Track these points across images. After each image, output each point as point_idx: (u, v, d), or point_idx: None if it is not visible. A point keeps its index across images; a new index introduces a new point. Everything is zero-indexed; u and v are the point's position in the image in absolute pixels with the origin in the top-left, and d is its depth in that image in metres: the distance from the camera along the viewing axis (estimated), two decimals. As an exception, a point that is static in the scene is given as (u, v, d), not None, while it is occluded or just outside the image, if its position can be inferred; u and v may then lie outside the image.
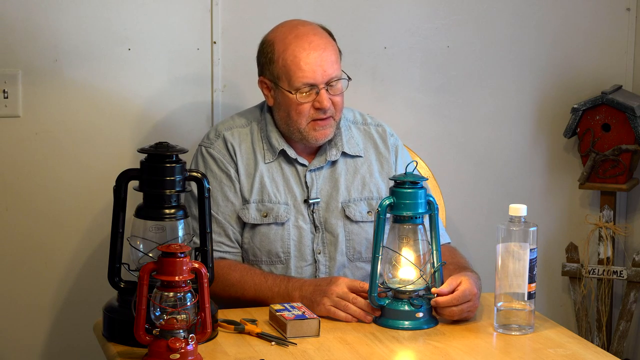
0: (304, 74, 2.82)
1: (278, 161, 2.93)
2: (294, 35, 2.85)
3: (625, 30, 3.67)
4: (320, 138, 2.89)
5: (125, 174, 2.50)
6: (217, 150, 2.93)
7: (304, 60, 2.82)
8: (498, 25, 3.57)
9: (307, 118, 2.86)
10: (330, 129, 2.89)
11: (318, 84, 2.83)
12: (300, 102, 2.84)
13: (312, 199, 2.91)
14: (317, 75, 2.82)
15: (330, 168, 2.96)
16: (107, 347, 2.50)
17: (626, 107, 3.52)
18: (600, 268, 3.64)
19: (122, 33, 3.21)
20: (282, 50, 2.85)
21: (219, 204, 2.89)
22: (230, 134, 2.94)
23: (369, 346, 2.52)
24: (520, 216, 2.59)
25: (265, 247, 2.89)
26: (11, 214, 3.20)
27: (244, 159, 2.92)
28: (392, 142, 3.03)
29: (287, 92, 2.84)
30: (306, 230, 2.91)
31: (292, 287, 2.74)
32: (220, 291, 2.78)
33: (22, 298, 3.24)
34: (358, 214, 2.93)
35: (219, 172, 2.91)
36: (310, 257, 2.91)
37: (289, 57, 2.83)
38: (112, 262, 2.51)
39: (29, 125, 3.18)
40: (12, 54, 3.14)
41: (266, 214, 2.88)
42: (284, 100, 2.86)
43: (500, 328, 2.62)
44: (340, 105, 2.89)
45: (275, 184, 2.91)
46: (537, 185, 3.70)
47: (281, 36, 2.87)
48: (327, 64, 2.83)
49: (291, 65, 2.83)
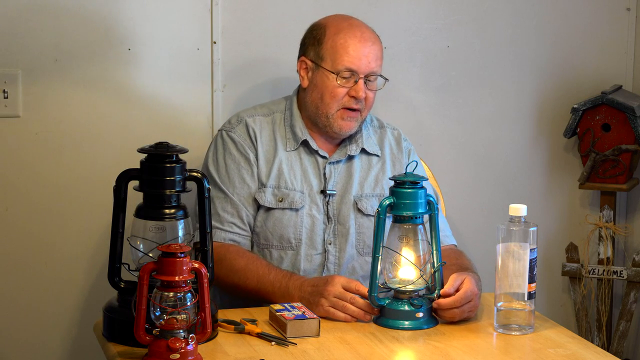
0: (350, 58, 2.89)
1: (298, 151, 2.97)
2: (348, 23, 2.95)
3: (625, 30, 3.67)
4: (344, 129, 2.94)
5: (125, 174, 2.50)
6: (238, 134, 2.97)
7: (353, 46, 2.90)
8: (498, 25, 3.57)
9: (339, 104, 2.92)
10: (356, 122, 2.95)
11: (360, 72, 2.90)
12: (338, 85, 2.90)
13: (329, 190, 2.95)
14: (361, 64, 2.90)
15: (347, 163, 3.00)
16: (107, 347, 2.50)
17: (626, 107, 3.52)
18: (600, 268, 3.64)
19: (122, 33, 3.21)
20: (334, 33, 2.93)
21: (235, 186, 2.92)
22: (252, 120, 2.99)
23: (369, 346, 2.52)
24: (520, 216, 2.59)
25: (277, 232, 2.91)
26: (11, 214, 3.20)
27: (264, 145, 2.96)
28: (405, 146, 3.10)
29: (329, 72, 2.90)
30: (319, 220, 2.94)
31: (292, 286, 2.74)
32: (224, 276, 2.80)
33: (22, 298, 3.24)
34: (370, 208, 2.96)
35: (238, 154, 2.95)
36: (320, 247, 2.93)
37: (340, 39, 2.91)
38: (112, 262, 2.51)
39: (29, 125, 3.18)
40: (12, 54, 3.14)
41: (282, 199, 2.91)
42: (322, 81, 2.92)
43: (500, 328, 2.62)
44: (371, 102, 2.96)
45: (293, 172, 2.95)
46: (537, 185, 3.70)
47: (334, 22, 2.96)
48: (372, 57, 2.91)
49: (339, 48, 2.90)
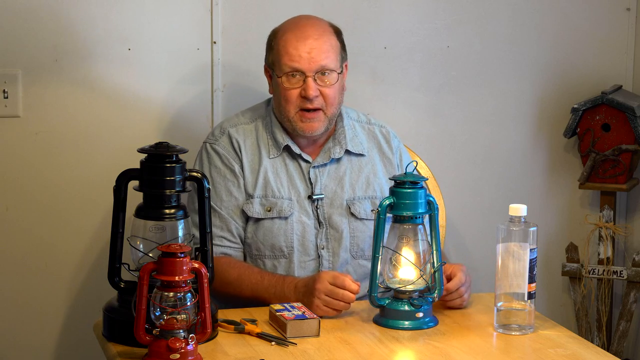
0: (290, 57, 2.85)
1: (282, 157, 2.94)
2: (294, 24, 2.91)
3: (625, 30, 3.67)
4: (307, 130, 2.89)
5: (125, 174, 2.50)
6: (222, 146, 2.94)
7: (293, 45, 2.85)
8: (498, 25, 3.57)
9: (295, 107, 2.87)
10: (319, 122, 2.89)
11: (304, 70, 2.85)
12: (287, 88, 2.86)
13: (316, 195, 2.92)
14: (303, 61, 2.84)
15: (334, 165, 2.96)
16: (107, 347, 2.50)
17: (626, 107, 3.52)
18: (600, 268, 3.64)
19: (122, 33, 3.21)
20: (280, 36, 2.90)
21: (222, 199, 2.90)
22: (235, 131, 2.96)
23: (369, 346, 2.52)
24: (520, 216, 2.59)
25: (268, 242, 2.90)
26: (11, 213, 3.20)
27: (248, 155, 2.93)
28: (395, 145, 3.06)
29: (277, 77, 2.87)
30: (309, 226, 2.91)
31: (287, 288, 2.75)
32: (219, 288, 2.79)
33: (22, 298, 3.24)
34: (363, 212, 2.94)
35: (223, 167, 2.92)
36: (313, 252, 2.92)
37: (281, 42, 2.88)
38: (112, 262, 2.51)
39: (29, 125, 3.18)
40: (12, 54, 3.14)
41: (270, 208, 2.89)
42: (277, 86, 2.90)
43: (500, 328, 2.62)
44: (332, 99, 2.88)
45: (279, 179, 2.92)
46: (537, 185, 3.69)
47: (283, 26, 2.93)
48: (316, 51, 2.85)
49: (281, 49, 2.87)
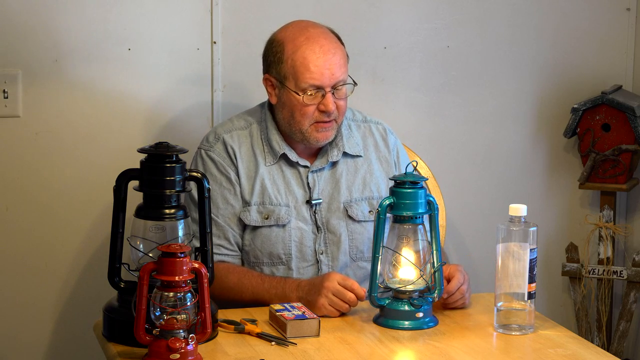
0: (312, 75, 2.83)
1: (279, 164, 2.93)
2: (305, 37, 2.87)
3: (625, 30, 3.67)
4: (321, 139, 2.90)
5: (125, 174, 2.50)
6: (217, 153, 2.93)
7: (313, 62, 2.83)
8: (498, 25, 3.57)
9: (311, 120, 2.87)
10: (332, 131, 2.91)
11: (325, 86, 2.85)
12: (306, 104, 2.85)
13: (315, 200, 2.92)
14: (324, 78, 2.84)
15: (330, 169, 2.96)
16: (107, 347, 2.50)
17: (626, 107, 3.52)
18: (600, 268, 3.64)
19: (122, 33, 3.21)
20: (292, 51, 2.85)
21: (218, 207, 2.89)
22: (229, 137, 2.94)
23: (369, 346, 2.52)
24: (520, 216, 2.59)
25: (266, 249, 2.89)
26: (11, 213, 3.20)
27: (244, 162, 2.92)
28: (392, 142, 3.05)
29: (294, 92, 2.85)
30: (307, 232, 2.91)
31: (289, 288, 2.75)
32: (218, 294, 2.78)
33: (22, 298, 3.24)
34: (360, 214, 2.94)
35: (219, 175, 2.91)
36: (311, 258, 2.91)
37: (299, 58, 2.84)
38: (112, 262, 2.51)
39: (29, 125, 3.18)
40: (12, 54, 3.14)
41: (267, 215, 2.88)
42: (289, 100, 2.87)
43: (500, 328, 2.62)
44: (344, 109, 2.91)
45: (276, 186, 2.91)
46: (537, 185, 3.69)
47: (291, 37, 2.88)
48: (335, 67, 2.85)
49: (300, 67, 2.84)
